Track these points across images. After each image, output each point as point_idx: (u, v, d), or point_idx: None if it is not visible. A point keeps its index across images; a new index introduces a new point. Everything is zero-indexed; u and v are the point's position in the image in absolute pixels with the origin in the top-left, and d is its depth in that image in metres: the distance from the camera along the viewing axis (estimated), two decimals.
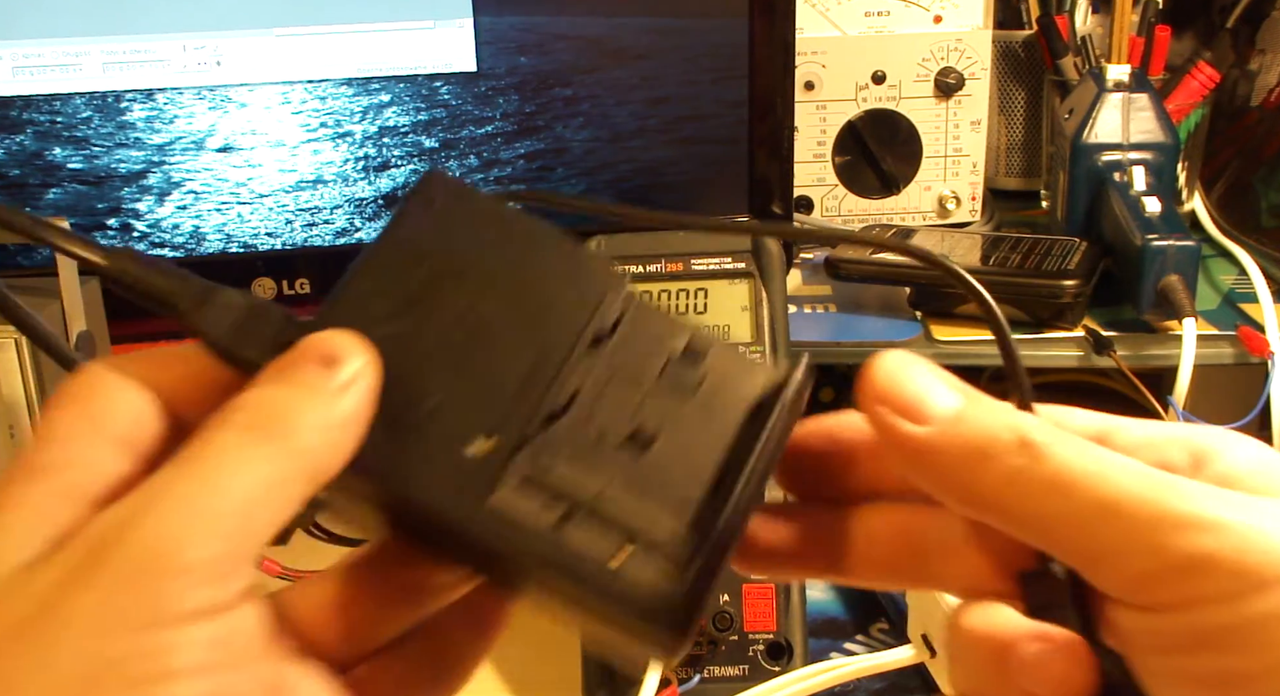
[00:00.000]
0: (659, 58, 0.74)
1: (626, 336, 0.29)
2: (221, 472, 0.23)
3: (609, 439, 0.29)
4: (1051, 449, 0.24)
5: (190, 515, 0.22)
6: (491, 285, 0.29)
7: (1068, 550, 0.25)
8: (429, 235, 0.29)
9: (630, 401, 0.29)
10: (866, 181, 0.89)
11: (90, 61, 0.69)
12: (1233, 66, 0.88)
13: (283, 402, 0.25)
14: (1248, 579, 0.22)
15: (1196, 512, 0.23)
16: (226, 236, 0.72)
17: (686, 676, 0.56)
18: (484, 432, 0.28)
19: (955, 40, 0.86)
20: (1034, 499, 0.24)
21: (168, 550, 0.22)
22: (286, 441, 0.24)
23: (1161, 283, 0.68)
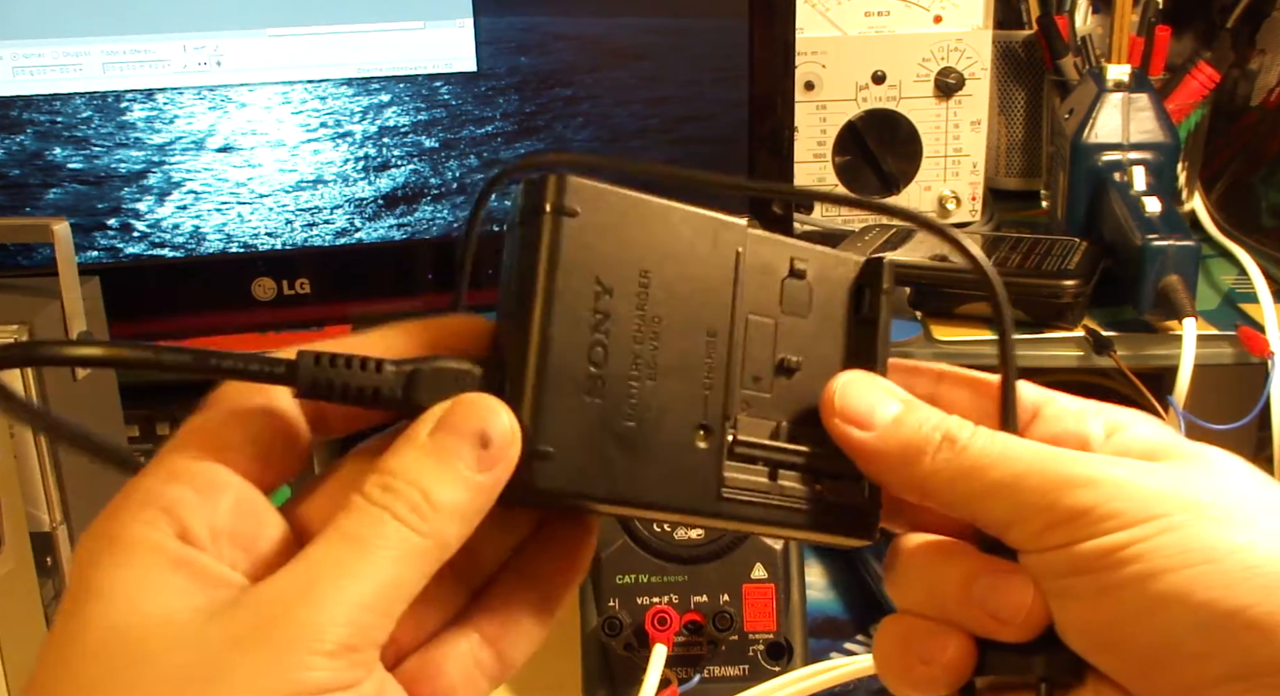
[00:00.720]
0: (659, 58, 0.74)
1: (748, 275, 0.32)
2: (371, 568, 0.27)
3: (764, 378, 0.32)
4: (969, 441, 0.31)
5: (340, 603, 0.26)
6: (654, 279, 0.31)
7: (986, 521, 0.31)
8: (585, 249, 0.29)
9: (769, 336, 0.33)
10: (866, 181, 0.89)
11: (90, 61, 0.69)
12: (1233, 66, 0.88)
13: (439, 491, 0.28)
14: (1115, 519, 0.28)
15: (1078, 473, 0.29)
16: (226, 236, 0.72)
17: (686, 676, 0.56)
18: (700, 425, 0.31)
19: (955, 40, 0.86)
20: (957, 483, 0.31)
21: (312, 635, 0.26)
22: (434, 535, 0.27)
23: (1161, 283, 0.68)
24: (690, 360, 0.31)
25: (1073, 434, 0.32)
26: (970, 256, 0.32)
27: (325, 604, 0.26)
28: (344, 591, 0.26)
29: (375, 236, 0.74)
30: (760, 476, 0.32)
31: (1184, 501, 0.29)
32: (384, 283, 0.75)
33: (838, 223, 0.88)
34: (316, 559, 0.27)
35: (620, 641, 0.56)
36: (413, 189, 0.73)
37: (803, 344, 0.33)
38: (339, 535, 0.27)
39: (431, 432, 0.28)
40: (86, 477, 0.55)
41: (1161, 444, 0.31)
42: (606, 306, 0.29)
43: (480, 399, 0.28)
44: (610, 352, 0.29)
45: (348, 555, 0.27)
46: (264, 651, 0.25)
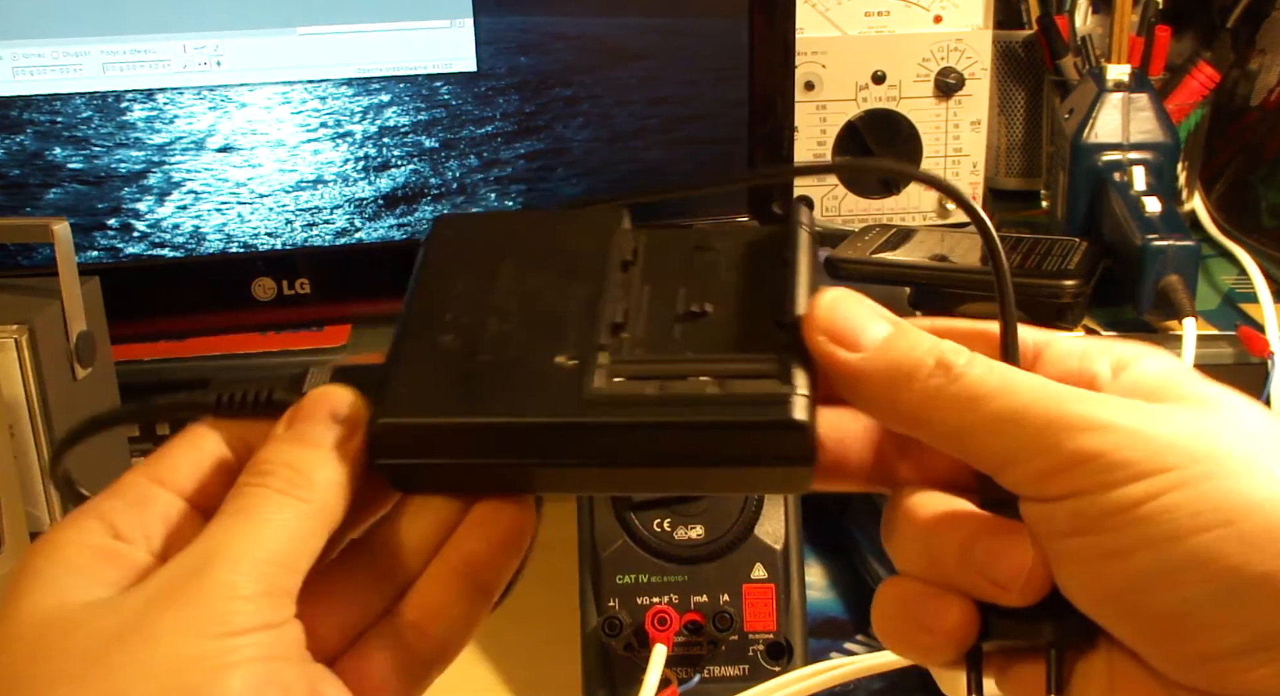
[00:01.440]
0: (659, 58, 0.74)
1: (648, 255, 0.33)
2: (264, 530, 0.29)
3: (670, 325, 0.31)
4: (965, 368, 0.28)
5: (242, 565, 0.28)
6: (519, 266, 0.33)
7: (980, 456, 0.28)
8: (453, 256, 0.34)
9: (674, 294, 0.32)
10: (866, 181, 0.89)
11: (90, 61, 0.69)
12: (1233, 66, 0.88)
13: (303, 463, 0.30)
14: (1124, 470, 0.26)
15: (1085, 415, 0.27)
16: (226, 236, 0.72)
17: (686, 676, 0.56)
18: (564, 352, 0.30)
19: (955, 40, 0.86)
20: (950, 412, 0.28)
21: (228, 588, 0.28)
22: (311, 500, 0.30)
23: (1161, 283, 0.68)
24: (555, 312, 0.31)
25: (1077, 373, 0.30)
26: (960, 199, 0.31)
27: (232, 561, 0.28)
28: (245, 550, 0.28)
29: (375, 236, 0.74)
30: (648, 387, 0.29)
31: (1199, 451, 0.26)
32: (384, 283, 0.75)
33: (837, 223, 0.88)
34: (214, 531, 0.29)
35: (620, 641, 0.56)
36: (413, 189, 0.73)
37: (714, 295, 0.31)
38: (228, 512, 0.29)
39: (286, 425, 0.31)
40: (87, 477, 0.55)
41: (1173, 382, 0.29)
42: (467, 289, 0.32)
43: (324, 387, 0.31)
44: (470, 318, 0.32)
45: (240, 524, 0.29)
46: (184, 606, 0.27)
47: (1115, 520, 0.26)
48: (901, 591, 0.30)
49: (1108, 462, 0.26)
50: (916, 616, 0.30)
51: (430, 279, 0.33)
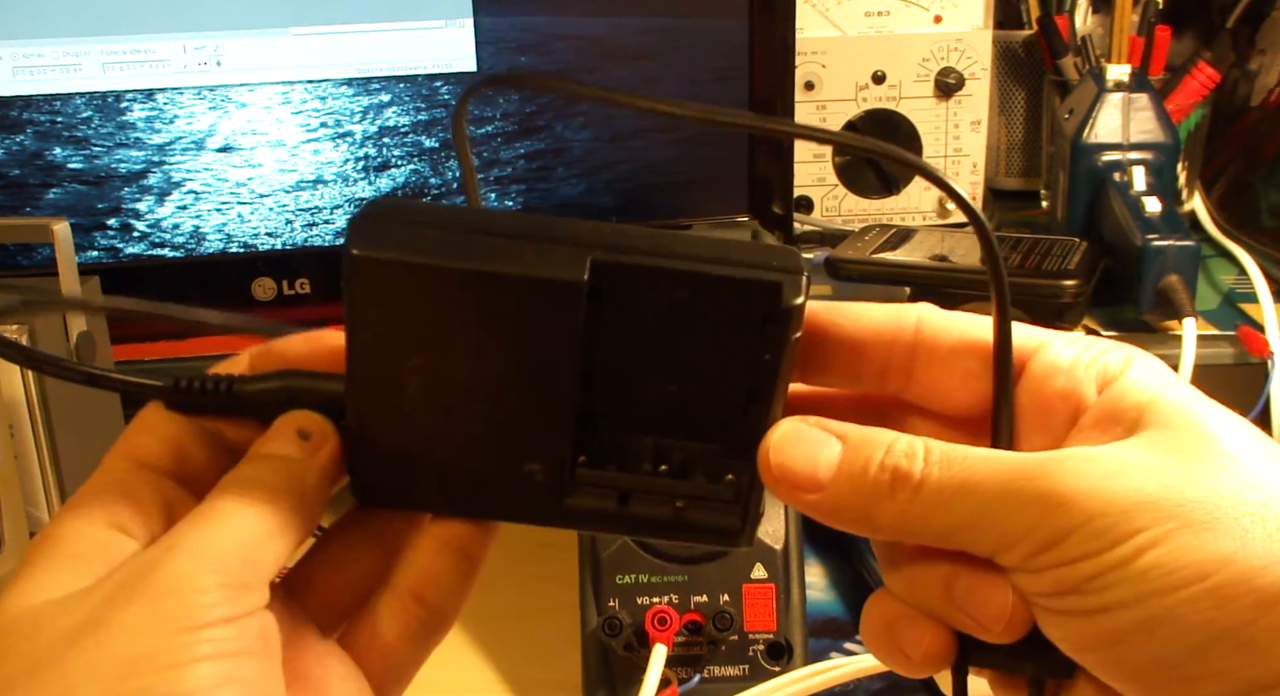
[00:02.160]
0: (659, 58, 0.74)
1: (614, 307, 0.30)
2: (224, 525, 0.29)
3: (639, 408, 0.31)
4: (924, 476, 0.28)
5: (201, 556, 0.28)
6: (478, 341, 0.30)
7: (970, 546, 0.29)
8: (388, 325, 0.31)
9: (641, 366, 0.31)
10: (866, 181, 0.89)
11: (90, 61, 0.69)
12: (1233, 66, 0.88)
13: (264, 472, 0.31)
14: (1099, 540, 0.27)
15: (1054, 493, 0.27)
16: (226, 236, 0.72)
17: (686, 676, 0.56)
18: (531, 461, 0.31)
19: (955, 40, 0.86)
20: (924, 522, 0.29)
21: (187, 577, 0.27)
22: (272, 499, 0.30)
23: (1161, 283, 0.68)
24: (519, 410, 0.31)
25: (1063, 395, 0.30)
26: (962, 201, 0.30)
27: (188, 552, 0.28)
28: (204, 541, 0.28)
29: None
30: (608, 501, 0.31)
31: (1167, 508, 0.27)
32: None
33: (837, 223, 0.88)
34: (175, 530, 0.29)
35: (620, 641, 0.56)
36: (413, 189, 0.73)
37: (686, 370, 0.31)
38: (198, 512, 0.29)
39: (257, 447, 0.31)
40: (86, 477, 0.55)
41: (1152, 401, 0.29)
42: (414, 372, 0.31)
43: (293, 412, 0.32)
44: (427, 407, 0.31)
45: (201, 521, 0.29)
46: (139, 600, 0.27)
47: (1095, 583, 0.27)
48: (886, 610, 0.31)
49: (1081, 537, 0.27)
50: (896, 638, 0.31)
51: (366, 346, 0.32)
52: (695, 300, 0.29)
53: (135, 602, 0.27)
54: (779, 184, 0.77)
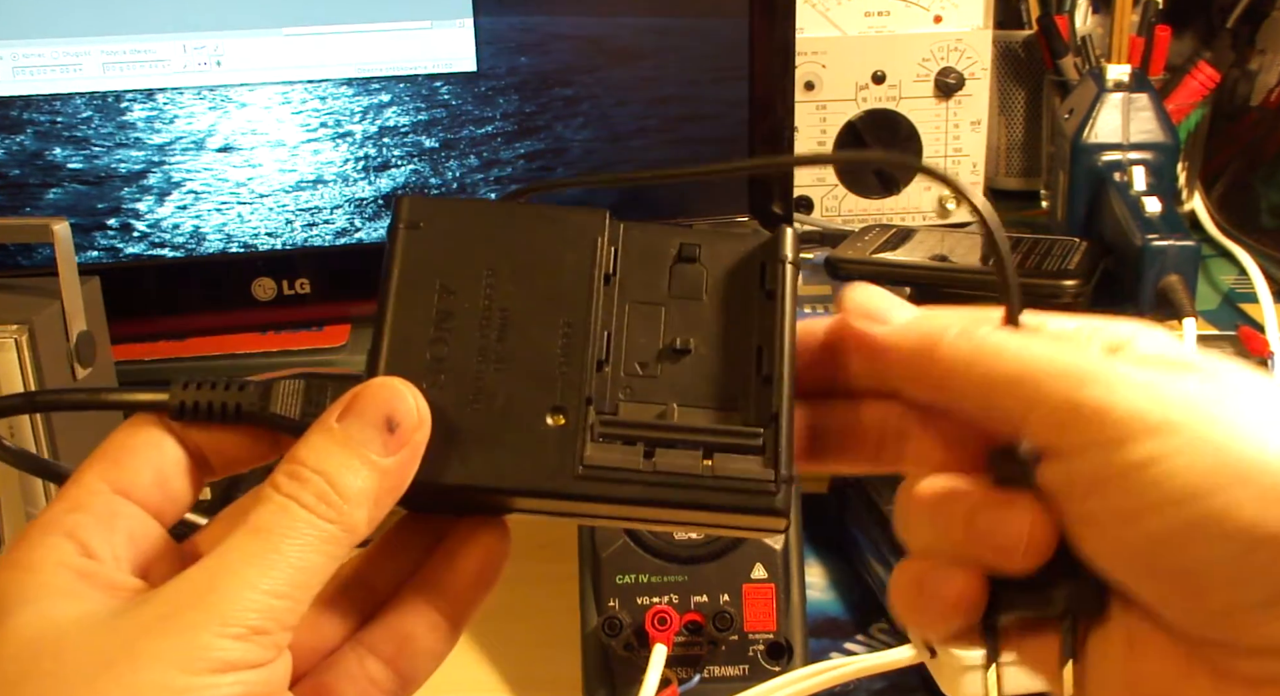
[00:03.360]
0: (659, 58, 0.74)
1: (628, 265, 0.32)
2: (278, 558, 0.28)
3: (650, 363, 0.32)
4: (982, 334, 0.30)
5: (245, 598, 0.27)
6: (500, 276, 0.31)
7: (1002, 410, 0.29)
8: (428, 256, 0.32)
9: (655, 321, 0.32)
10: (866, 181, 0.89)
11: (90, 61, 0.69)
12: (1233, 66, 0.88)
13: (345, 480, 0.29)
14: (1129, 425, 0.26)
15: (1093, 369, 0.28)
16: (226, 236, 0.72)
17: (686, 676, 0.56)
18: (551, 409, 0.30)
19: (955, 40, 0.86)
20: (973, 369, 0.29)
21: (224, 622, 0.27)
22: (341, 521, 0.28)
23: (1161, 283, 0.68)
24: (543, 346, 0.31)
25: None
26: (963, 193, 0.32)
27: (231, 591, 0.27)
28: (249, 579, 0.27)
29: (375, 236, 0.74)
30: (634, 455, 0.30)
31: (1209, 411, 0.26)
32: None
33: (837, 223, 0.89)
34: (224, 551, 0.28)
35: (620, 641, 0.56)
36: (413, 189, 0.73)
37: (697, 327, 0.32)
38: (247, 528, 0.28)
39: (339, 417, 0.29)
40: None
41: (1172, 356, 0.29)
42: (449, 305, 0.31)
43: (386, 382, 0.30)
44: (453, 346, 0.31)
45: (254, 545, 0.28)
46: (172, 635, 0.26)
47: (1130, 480, 0.26)
48: (912, 570, 0.31)
49: (1118, 416, 0.27)
50: (926, 592, 0.30)
51: (405, 285, 0.32)
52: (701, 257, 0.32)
53: (171, 636, 0.26)
54: (779, 184, 0.77)
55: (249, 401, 0.31)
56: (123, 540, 0.29)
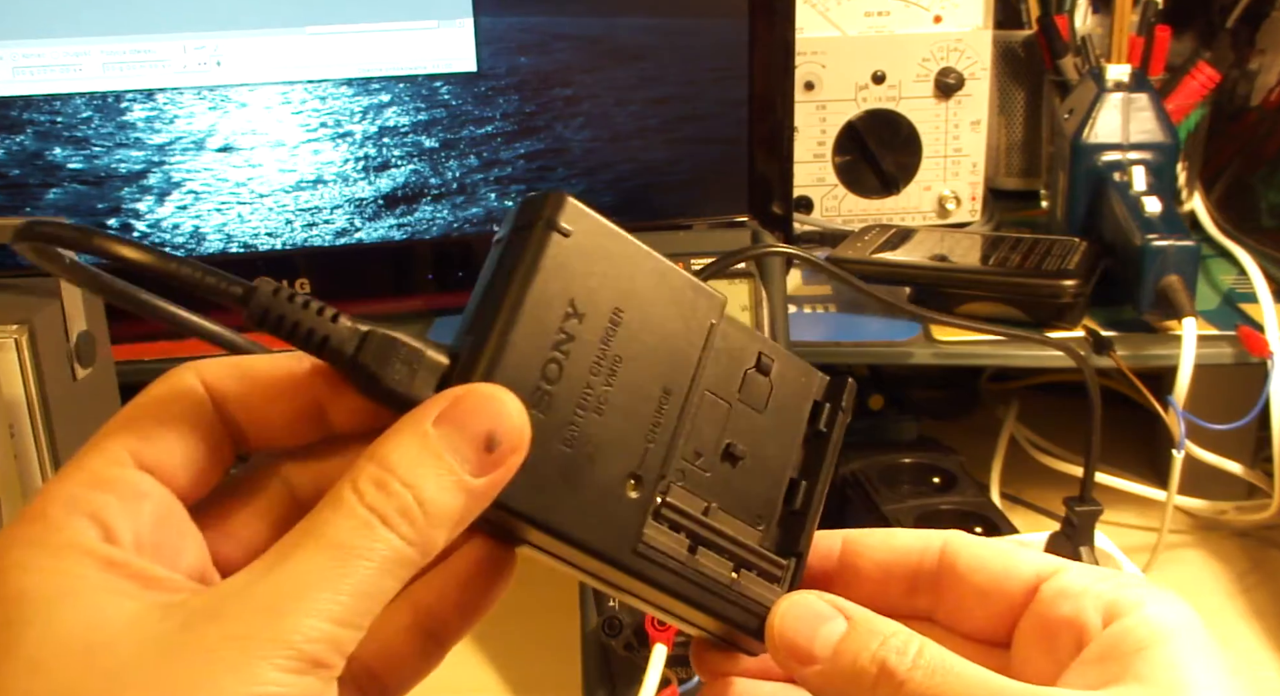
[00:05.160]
0: (659, 58, 0.74)
1: (712, 354, 0.32)
2: (360, 577, 0.25)
3: (706, 456, 0.32)
4: (907, 675, 0.29)
5: (320, 621, 0.25)
6: (625, 319, 0.31)
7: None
8: (570, 269, 0.29)
9: (721, 418, 0.32)
10: (866, 181, 0.89)
11: (90, 61, 0.69)
12: (1233, 66, 0.88)
13: (432, 493, 0.26)
14: None
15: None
16: (226, 236, 0.72)
17: (686, 676, 0.56)
18: (632, 474, 0.30)
19: (955, 40, 0.86)
20: None
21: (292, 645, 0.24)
22: (420, 543, 0.26)
23: (1161, 282, 0.68)
24: (640, 409, 0.30)
25: (1067, 622, 0.31)
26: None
27: (300, 617, 0.25)
28: (321, 605, 0.25)
29: (375, 236, 0.74)
30: (680, 545, 0.31)
31: None
32: (384, 283, 0.75)
33: (837, 223, 0.88)
34: (295, 566, 0.26)
35: (620, 641, 0.56)
36: (413, 189, 0.73)
37: (753, 437, 0.33)
38: (323, 542, 0.26)
39: (436, 422, 0.27)
40: None
41: (1153, 651, 0.30)
42: (573, 329, 0.29)
43: (494, 392, 0.27)
44: (564, 374, 0.29)
45: (329, 564, 0.25)
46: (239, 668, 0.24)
47: None
48: None
49: None
50: None
51: (540, 291, 0.29)
52: (773, 373, 0.33)
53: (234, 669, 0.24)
54: (779, 184, 0.77)
55: (338, 339, 0.28)
56: (148, 524, 0.27)
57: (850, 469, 0.72)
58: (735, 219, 0.76)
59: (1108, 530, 0.59)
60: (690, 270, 0.35)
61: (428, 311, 0.74)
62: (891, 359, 0.72)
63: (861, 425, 0.85)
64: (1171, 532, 0.73)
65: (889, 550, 0.34)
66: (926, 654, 0.30)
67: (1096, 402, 0.56)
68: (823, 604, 0.32)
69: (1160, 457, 0.79)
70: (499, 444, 0.27)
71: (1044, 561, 0.33)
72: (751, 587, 0.32)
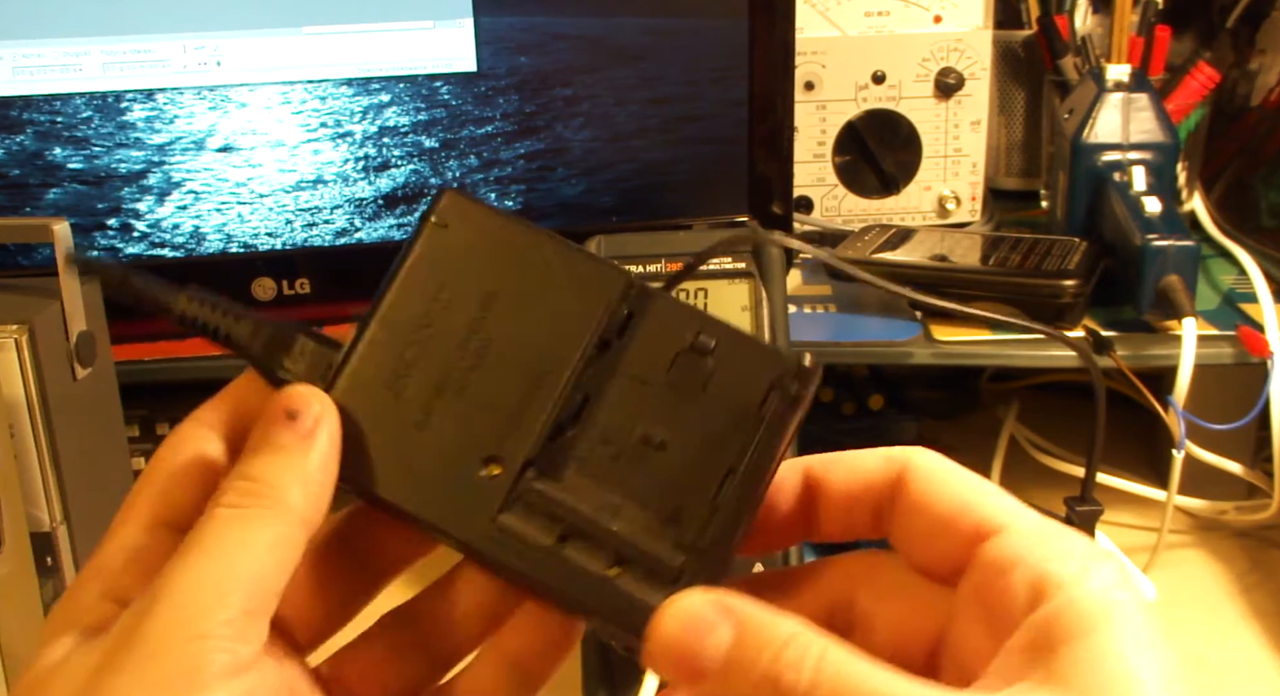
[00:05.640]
0: (659, 58, 0.74)
1: (635, 335, 0.30)
2: (225, 545, 0.27)
3: (618, 447, 0.30)
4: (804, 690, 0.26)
5: (203, 588, 0.26)
6: (499, 305, 0.30)
7: None
8: (441, 259, 0.31)
9: (639, 404, 0.30)
10: (866, 181, 0.89)
11: (90, 61, 0.69)
12: (1233, 66, 0.88)
13: (264, 469, 0.29)
14: None
15: None
16: (226, 236, 0.72)
17: None
18: (489, 455, 0.30)
19: (955, 40, 0.86)
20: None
21: (186, 621, 0.26)
22: (285, 514, 0.28)
23: (1161, 283, 0.68)
24: (505, 391, 0.30)
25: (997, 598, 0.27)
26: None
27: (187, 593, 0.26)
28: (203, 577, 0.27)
29: (375, 236, 0.74)
30: (546, 533, 0.29)
31: None
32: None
33: (837, 223, 0.88)
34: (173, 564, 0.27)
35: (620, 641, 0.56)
36: (413, 189, 0.73)
37: (681, 424, 0.30)
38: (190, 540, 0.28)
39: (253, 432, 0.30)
40: (86, 477, 0.55)
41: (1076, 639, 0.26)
42: (437, 316, 0.30)
43: (291, 388, 0.30)
44: (422, 359, 0.30)
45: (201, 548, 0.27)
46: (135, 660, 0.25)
47: None
48: None
49: None
50: None
51: (416, 275, 0.31)
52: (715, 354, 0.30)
53: (128, 666, 0.25)
54: (779, 184, 0.77)
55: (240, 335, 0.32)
56: None
57: None
58: (735, 219, 0.76)
59: (1108, 530, 0.59)
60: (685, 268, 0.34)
61: None
62: (891, 359, 0.72)
63: (861, 425, 0.85)
64: (1171, 532, 0.73)
65: (851, 474, 0.31)
66: (827, 664, 0.26)
67: (1101, 402, 0.56)
68: (709, 608, 0.27)
69: (1160, 457, 0.79)
70: (298, 411, 0.29)
71: (991, 513, 0.29)
72: (633, 586, 0.29)
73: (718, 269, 0.61)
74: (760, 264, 0.61)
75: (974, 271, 0.72)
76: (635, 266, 0.61)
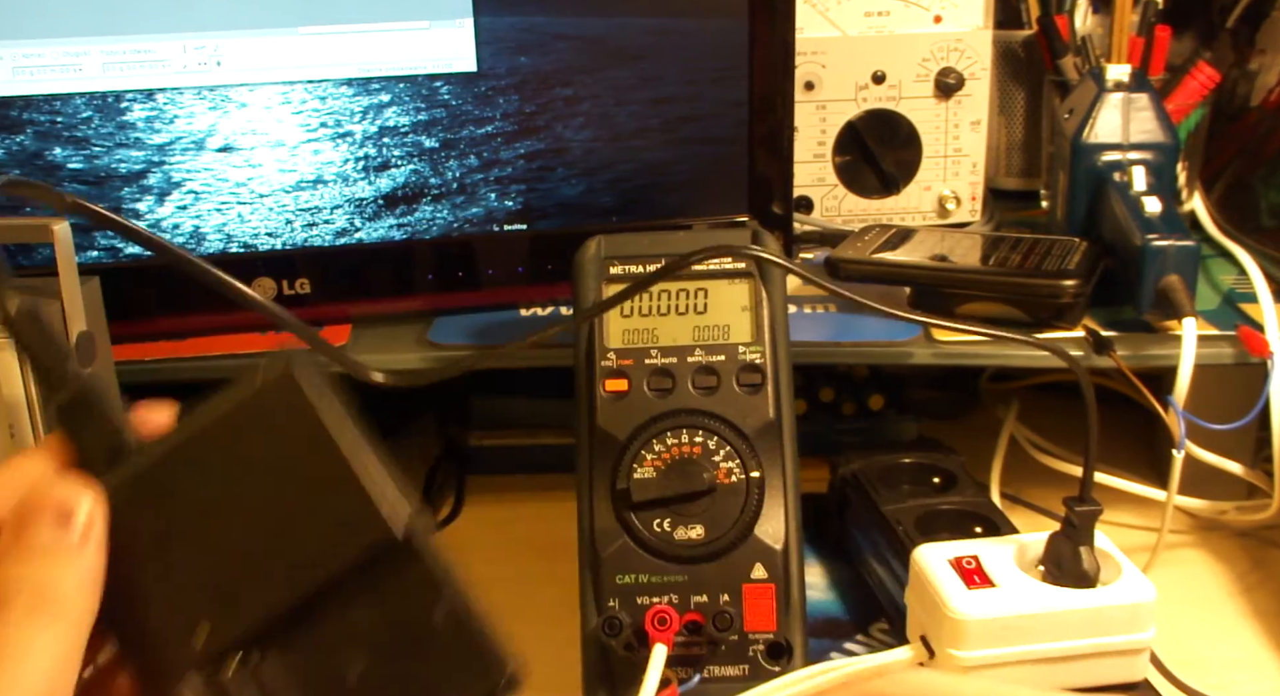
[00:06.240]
0: (659, 58, 0.74)
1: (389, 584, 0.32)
2: (24, 664, 0.28)
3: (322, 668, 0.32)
4: None
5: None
6: (275, 491, 0.32)
7: None
8: (251, 427, 0.33)
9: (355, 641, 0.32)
10: (866, 181, 0.89)
11: (90, 61, 0.69)
12: (1233, 66, 0.88)
13: (47, 578, 0.30)
14: None
15: None
16: (226, 236, 0.72)
17: (686, 676, 0.56)
18: (205, 620, 0.31)
19: (955, 40, 0.86)
20: None
21: None
22: (65, 616, 0.29)
23: (1161, 283, 0.68)
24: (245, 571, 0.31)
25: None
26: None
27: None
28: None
29: (375, 236, 0.74)
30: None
31: None
32: (384, 283, 0.75)
33: (837, 223, 0.88)
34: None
35: (620, 641, 0.56)
36: (413, 189, 0.73)
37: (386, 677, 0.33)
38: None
39: (13, 533, 0.30)
40: None
41: None
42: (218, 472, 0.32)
43: (51, 487, 0.31)
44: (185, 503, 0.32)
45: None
46: None
47: None
48: None
49: None
50: None
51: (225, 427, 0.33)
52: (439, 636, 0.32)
53: None
54: (779, 184, 0.77)
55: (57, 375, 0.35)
56: None
57: (850, 469, 0.72)
58: (735, 219, 0.76)
59: (1108, 530, 0.59)
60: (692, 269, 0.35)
61: (427, 311, 0.74)
62: (891, 359, 0.72)
63: (861, 425, 0.85)
64: (1171, 532, 0.73)
65: None
66: None
67: (1091, 402, 0.56)
68: None
69: (1160, 457, 0.79)
70: (70, 512, 0.30)
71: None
72: None
73: (718, 269, 0.61)
74: (760, 264, 0.61)
75: (974, 271, 0.72)
76: (636, 267, 0.61)
